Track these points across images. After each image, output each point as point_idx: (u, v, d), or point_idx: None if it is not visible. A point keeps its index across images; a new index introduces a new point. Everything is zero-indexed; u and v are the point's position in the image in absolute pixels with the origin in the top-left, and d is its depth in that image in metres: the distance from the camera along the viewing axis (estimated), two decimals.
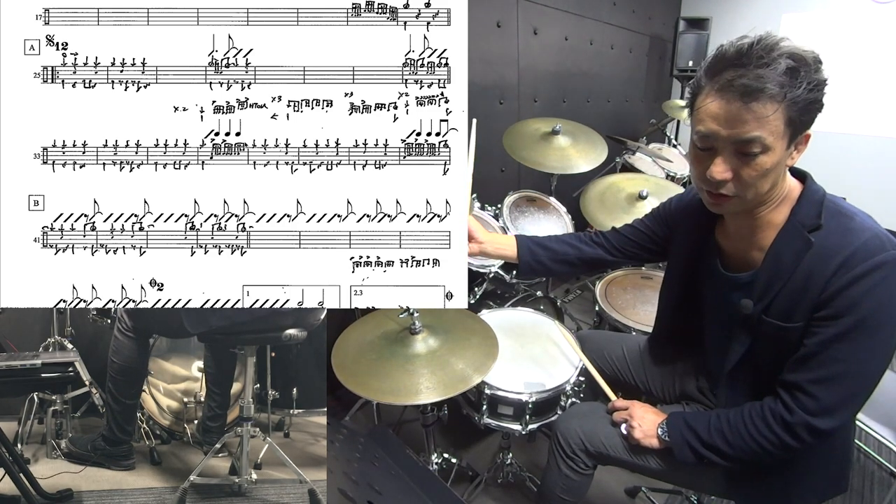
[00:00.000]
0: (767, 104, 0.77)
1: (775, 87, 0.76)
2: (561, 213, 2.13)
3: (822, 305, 0.84)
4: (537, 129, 2.11)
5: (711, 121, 0.82)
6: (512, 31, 2.53)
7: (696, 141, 0.87)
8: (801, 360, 0.88)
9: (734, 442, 0.94)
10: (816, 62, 0.78)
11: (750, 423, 0.93)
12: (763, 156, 0.80)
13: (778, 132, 0.79)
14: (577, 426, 1.15)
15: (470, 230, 1.18)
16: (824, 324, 0.84)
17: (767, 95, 0.76)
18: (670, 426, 1.04)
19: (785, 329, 0.89)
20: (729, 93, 0.79)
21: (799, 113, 0.78)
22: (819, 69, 0.79)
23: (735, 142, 0.81)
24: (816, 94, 0.78)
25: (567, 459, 1.14)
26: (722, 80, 0.80)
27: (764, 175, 0.82)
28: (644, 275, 1.98)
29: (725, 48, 0.81)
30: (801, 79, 0.76)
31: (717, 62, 0.82)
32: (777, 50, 0.76)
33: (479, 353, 1.21)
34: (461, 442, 1.90)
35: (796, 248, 0.87)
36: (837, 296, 0.82)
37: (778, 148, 0.80)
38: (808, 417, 0.86)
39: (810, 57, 0.78)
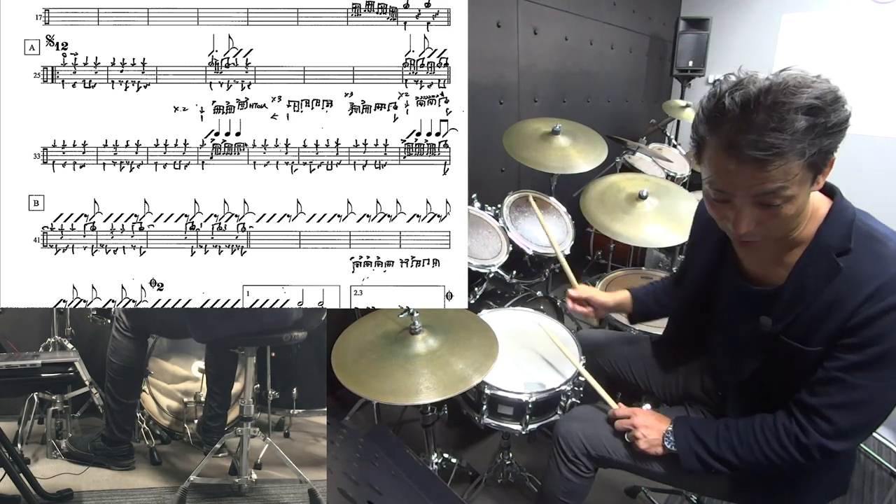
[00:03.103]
0: (788, 165, 0.71)
1: (798, 147, 0.70)
2: (561, 213, 2.13)
3: (848, 333, 0.80)
4: (537, 129, 2.11)
5: (725, 179, 0.77)
6: (512, 31, 2.53)
7: (709, 191, 0.82)
8: (820, 384, 0.85)
9: (743, 455, 0.93)
10: (835, 101, 0.71)
11: (762, 439, 0.92)
12: (787, 204, 0.76)
13: (800, 179, 0.74)
14: (578, 429, 1.14)
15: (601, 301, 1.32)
16: (849, 351, 0.81)
17: (784, 158, 0.70)
18: (676, 434, 1.03)
19: (803, 352, 0.86)
20: (740, 156, 0.72)
21: (822, 157, 0.73)
22: (839, 107, 0.71)
23: (754, 196, 0.76)
24: (839, 134, 0.72)
25: (568, 463, 1.13)
26: (729, 139, 0.73)
27: (792, 218, 0.79)
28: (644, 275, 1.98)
29: (727, 100, 0.72)
30: (821, 128, 0.70)
31: (720, 116, 0.74)
32: (790, 104, 0.69)
33: (479, 353, 1.21)
34: (461, 442, 1.90)
35: (823, 272, 0.83)
36: (866, 326, 0.78)
37: (802, 191, 0.76)
38: (823, 440, 0.85)
39: (830, 98, 0.70)
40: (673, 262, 2.66)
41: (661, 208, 1.85)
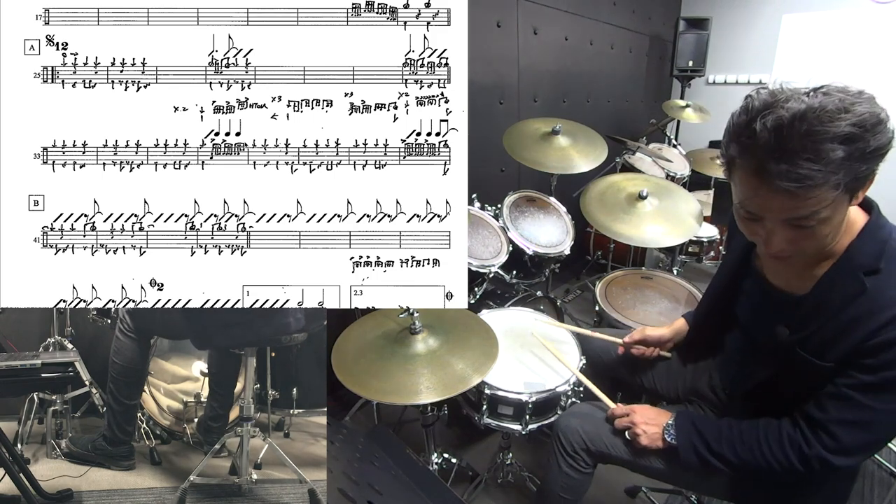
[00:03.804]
0: (822, 194, 0.68)
1: (832, 180, 0.66)
2: (561, 212, 2.13)
3: (865, 353, 0.79)
4: (537, 129, 2.11)
5: (756, 203, 0.75)
6: (512, 31, 2.53)
7: (740, 209, 0.80)
8: (829, 399, 0.84)
9: (743, 455, 0.93)
10: (876, 125, 0.66)
11: (765, 442, 0.91)
12: (821, 226, 0.74)
13: (835, 204, 0.71)
14: (578, 425, 1.15)
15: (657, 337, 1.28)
16: (863, 371, 0.80)
17: (817, 187, 0.67)
18: (678, 428, 1.03)
19: (816, 365, 0.85)
20: (772, 184, 0.69)
21: (858, 181, 0.70)
22: (880, 130, 0.66)
23: (786, 219, 0.74)
24: (879, 159, 0.69)
25: (568, 458, 1.14)
26: (760, 165, 0.69)
27: (825, 237, 0.77)
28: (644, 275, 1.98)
29: (758, 125, 0.68)
30: (859, 154, 0.66)
31: (751, 140, 0.70)
32: (826, 133, 0.64)
33: (479, 353, 1.21)
34: (461, 442, 1.90)
35: (848, 290, 0.81)
36: (885, 349, 0.77)
37: (837, 213, 0.74)
38: (826, 454, 0.85)
39: (871, 123, 0.65)
40: (673, 262, 2.66)
41: (661, 208, 1.85)
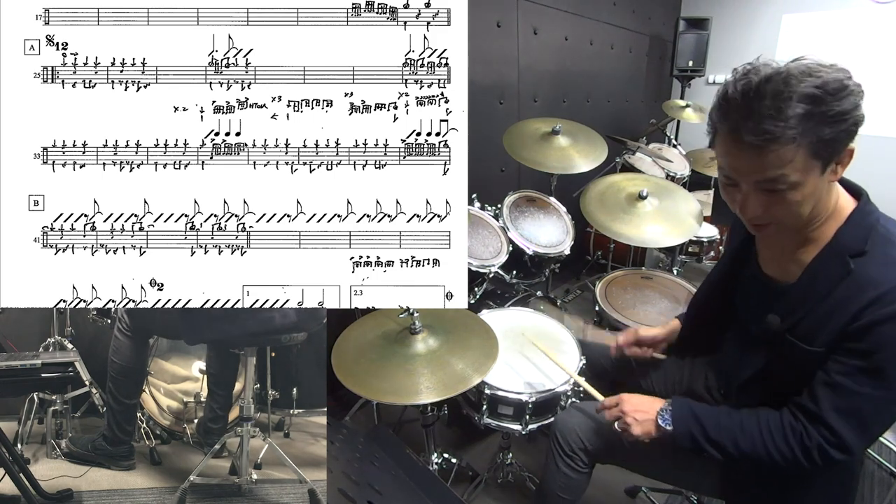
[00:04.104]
0: (781, 151, 0.73)
1: (789, 134, 0.71)
2: (561, 213, 2.13)
3: (851, 337, 0.80)
4: (537, 129, 2.11)
5: (730, 164, 0.80)
6: (512, 31, 2.53)
7: (721, 175, 0.85)
8: (822, 388, 0.85)
9: (743, 445, 0.92)
10: (839, 90, 0.72)
11: (766, 434, 0.90)
12: (792, 191, 0.77)
13: (802, 167, 0.75)
14: (575, 424, 1.16)
15: (651, 337, 1.25)
16: (852, 356, 0.81)
17: (780, 144, 0.72)
18: (675, 414, 1.00)
19: (805, 351, 0.86)
20: (741, 142, 0.75)
21: (825, 145, 0.74)
22: (843, 96, 0.72)
23: (758, 181, 0.79)
24: (843, 124, 0.73)
25: (565, 457, 1.15)
26: (732, 125, 0.76)
27: (799, 205, 0.79)
28: (644, 275, 1.98)
29: (730, 88, 0.76)
30: (821, 117, 0.71)
31: (724, 104, 0.78)
32: (788, 92, 0.71)
33: (479, 353, 1.21)
34: (461, 442, 1.90)
35: (834, 273, 0.83)
36: (869, 331, 0.78)
37: (809, 179, 0.77)
38: (826, 446, 0.85)
39: (833, 87, 0.71)
40: (673, 262, 2.66)
41: (661, 208, 1.85)
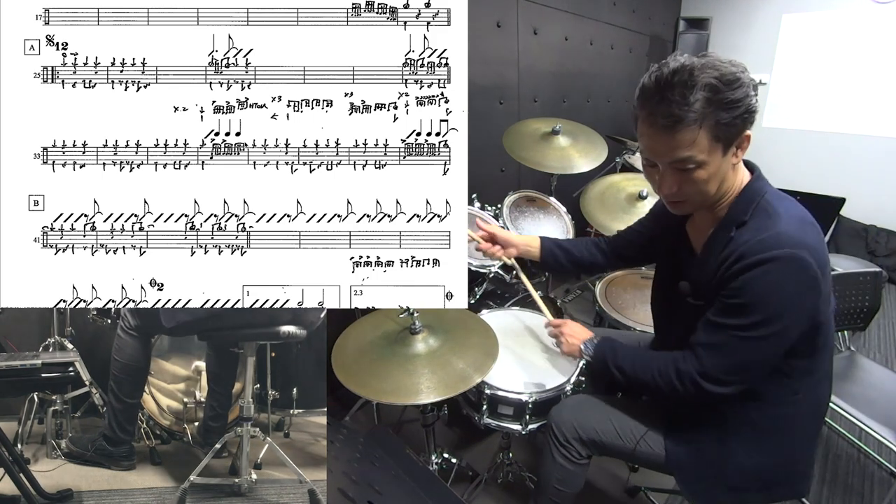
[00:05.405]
0: (687, 132, 0.85)
1: (692, 116, 0.84)
2: (561, 213, 2.13)
3: (723, 285, 0.94)
4: (537, 129, 2.11)
5: (647, 145, 0.93)
6: (512, 31, 2.53)
7: (642, 160, 0.98)
8: (700, 325, 0.99)
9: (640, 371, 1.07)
10: (733, 82, 0.84)
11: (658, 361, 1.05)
12: (699, 170, 0.90)
13: (706, 149, 0.87)
14: (570, 415, 1.19)
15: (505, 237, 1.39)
16: (720, 300, 0.95)
17: (686, 125, 0.85)
18: (597, 346, 1.18)
19: (695, 307, 1.01)
20: (654, 125, 0.88)
21: (724, 129, 0.86)
22: (737, 87, 0.84)
23: (670, 162, 0.91)
24: (737, 110, 0.85)
25: (561, 448, 1.18)
26: (647, 110, 0.89)
27: (705, 182, 0.92)
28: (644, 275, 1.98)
29: (646, 80, 0.89)
30: (718, 104, 0.84)
31: (642, 92, 0.90)
32: (692, 82, 0.83)
33: (479, 353, 1.21)
34: (461, 442, 1.90)
35: (722, 241, 0.96)
36: (731, 280, 0.91)
37: (713, 160, 0.89)
38: (695, 374, 0.98)
39: (728, 79, 0.84)
40: None
41: None
